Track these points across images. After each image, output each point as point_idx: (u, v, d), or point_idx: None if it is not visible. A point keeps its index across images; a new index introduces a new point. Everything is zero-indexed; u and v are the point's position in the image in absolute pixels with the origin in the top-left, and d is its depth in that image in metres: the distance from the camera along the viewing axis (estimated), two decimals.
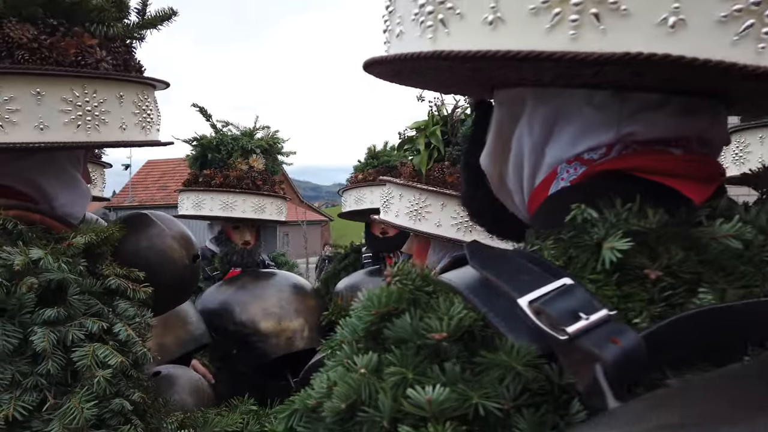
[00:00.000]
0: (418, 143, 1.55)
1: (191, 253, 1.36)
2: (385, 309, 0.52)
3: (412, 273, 0.52)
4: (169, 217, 1.39)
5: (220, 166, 2.65)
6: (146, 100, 1.19)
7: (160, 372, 1.32)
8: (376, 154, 2.85)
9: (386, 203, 1.59)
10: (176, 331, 1.85)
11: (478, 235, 1.43)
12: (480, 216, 0.76)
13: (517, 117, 0.64)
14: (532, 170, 0.64)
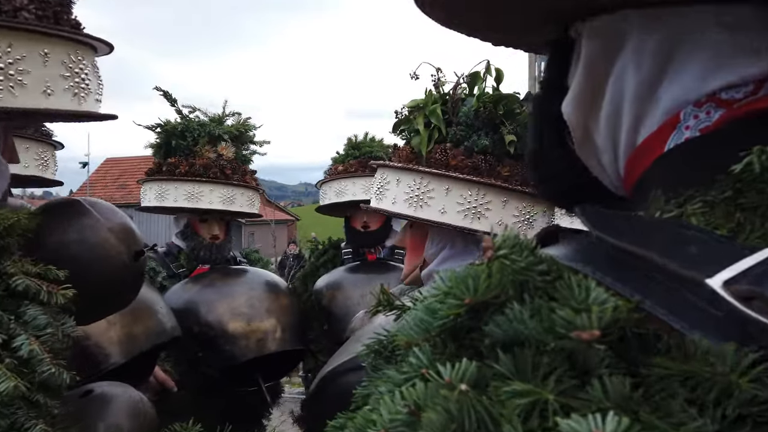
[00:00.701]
0: (417, 123, 1.40)
1: (133, 249, 1.15)
2: (482, 297, 0.36)
3: (522, 244, 0.37)
4: (107, 205, 1.18)
5: (185, 153, 2.43)
6: (81, 62, 0.99)
7: (92, 391, 1.12)
8: (357, 145, 2.69)
9: (380, 190, 1.43)
10: (146, 321, 1.65)
11: (488, 223, 1.30)
12: (548, 181, 0.60)
13: (615, 51, 0.50)
14: (634, 120, 0.49)
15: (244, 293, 2.22)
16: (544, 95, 0.58)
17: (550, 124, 0.57)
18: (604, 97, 0.51)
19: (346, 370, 0.70)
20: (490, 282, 0.36)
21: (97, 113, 1.02)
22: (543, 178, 0.61)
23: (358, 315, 1.43)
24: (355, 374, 0.69)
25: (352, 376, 0.70)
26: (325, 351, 2.45)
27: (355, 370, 0.69)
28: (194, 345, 2.06)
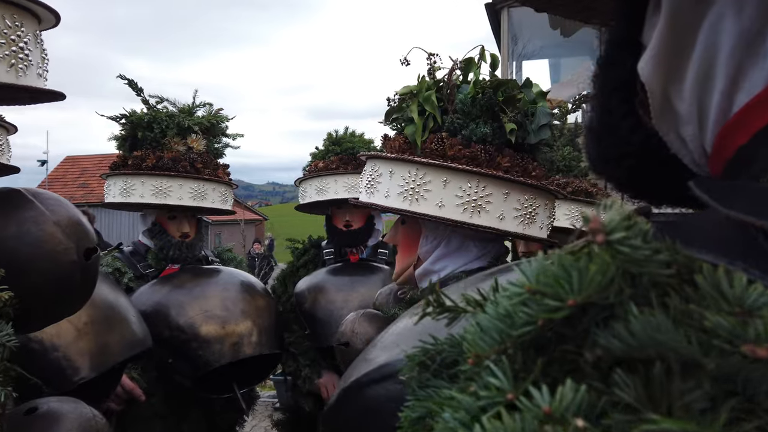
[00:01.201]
0: (410, 110, 1.30)
1: (83, 246, 1.02)
2: (592, 296, 0.27)
3: (639, 227, 0.27)
4: (53, 196, 1.04)
5: (152, 146, 2.28)
6: (18, 28, 0.86)
7: (38, 408, 0.98)
8: (338, 140, 2.57)
9: (371, 183, 1.32)
10: (120, 330, 1.50)
11: (490, 216, 1.21)
12: (613, 159, 0.50)
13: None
14: (730, 82, 0.40)
15: (218, 294, 2.08)
16: (611, 55, 0.48)
17: (618, 91, 0.47)
18: (690, 55, 0.42)
19: (370, 381, 0.61)
20: (602, 277, 0.26)
21: (39, 89, 0.89)
22: (607, 156, 0.51)
23: (348, 318, 1.33)
24: (381, 386, 0.60)
25: (378, 388, 0.60)
26: (307, 352, 2.33)
27: (380, 381, 0.60)
28: (164, 350, 1.92)
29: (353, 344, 1.23)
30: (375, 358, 0.63)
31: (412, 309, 0.76)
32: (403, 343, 0.60)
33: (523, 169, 1.26)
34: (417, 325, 0.64)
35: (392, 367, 0.58)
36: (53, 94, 0.92)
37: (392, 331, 0.67)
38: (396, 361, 0.58)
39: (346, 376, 0.68)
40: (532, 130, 1.27)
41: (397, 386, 0.55)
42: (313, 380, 2.29)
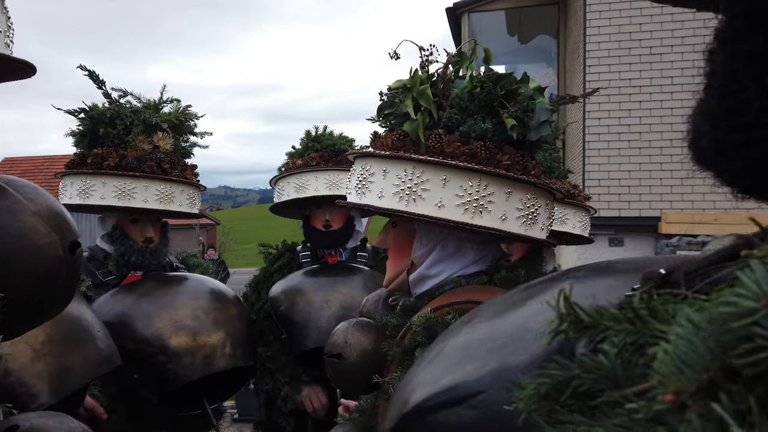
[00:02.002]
0: (405, 105, 1.22)
1: (67, 239, 0.90)
2: None
3: None
4: (29, 184, 0.91)
5: (115, 144, 2.12)
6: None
7: (18, 427, 0.86)
8: (318, 137, 2.46)
9: (362, 183, 1.23)
10: (82, 349, 1.35)
11: (492, 217, 1.14)
12: (732, 149, 0.42)
13: None
14: None
15: (188, 303, 1.94)
16: (736, 28, 0.41)
17: (748, 68, 0.40)
18: None
19: (438, 406, 0.52)
20: None
21: (7, 57, 0.77)
22: (726, 143, 0.42)
23: (339, 328, 1.23)
24: (452, 411, 0.51)
25: (449, 413, 0.51)
26: (285, 369, 2.21)
27: (451, 405, 0.51)
28: (129, 365, 1.77)
29: (346, 356, 1.14)
30: (438, 378, 0.54)
31: (465, 318, 0.68)
32: (472, 361, 0.52)
33: (524, 168, 1.20)
34: (486, 340, 0.56)
35: (463, 389, 0.50)
36: (21, 65, 0.79)
37: (452, 345, 0.59)
38: (467, 382, 0.50)
39: (399, 399, 0.58)
40: (532, 126, 1.21)
41: (471, 413, 0.49)
42: (294, 398, 2.17)
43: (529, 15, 10.05)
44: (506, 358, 0.49)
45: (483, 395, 0.49)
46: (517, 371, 0.46)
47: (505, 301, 0.62)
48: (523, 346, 0.48)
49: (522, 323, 0.52)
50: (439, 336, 0.67)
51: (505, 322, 0.55)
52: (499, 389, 0.47)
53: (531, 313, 0.54)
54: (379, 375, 1.12)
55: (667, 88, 6.71)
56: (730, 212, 6.43)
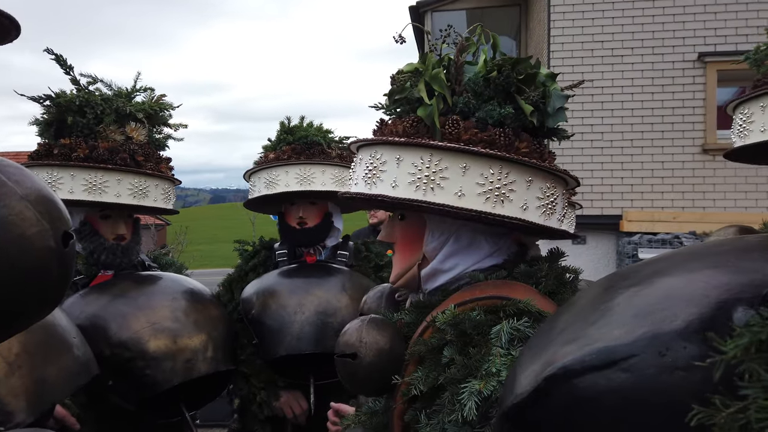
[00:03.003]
0: (419, 90, 1.15)
1: (60, 228, 0.79)
2: None
3: None
4: (14, 164, 0.80)
5: (84, 134, 1.97)
6: None
7: None
8: (291, 129, 2.33)
9: (372, 173, 1.16)
10: (61, 358, 1.21)
11: (513, 206, 1.09)
12: None
13: None
14: None
15: (166, 304, 1.82)
16: None
17: None
18: None
19: (585, 369, 0.50)
20: None
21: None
22: None
23: (352, 326, 1.13)
24: (602, 374, 0.49)
25: (598, 377, 0.49)
26: (260, 373, 2.09)
27: (601, 368, 0.49)
28: (104, 371, 1.63)
29: (362, 356, 1.06)
30: (582, 340, 0.52)
31: (595, 285, 0.67)
32: (618, 324, 0.51)
33: (540, 155, 1.16)
34: (629, 303, 0.53)
35: (613, 352, 0.49)
36: None
37: (587, 307, 0.58)
38: (618, 346, 0.49)
39: (533, 364, 0.55)
40: (549, 112, 1.17)
41: (623, 376, 0.47)
42: (271, 404, 2.06)
43: (490, 15, 10.17)
44: (659, 324, 0.48)
45: (635, 359, 0.48)
46: (672, 336, 0.46)
47: (638, 271, 0.61)
48: (674, 312, 0.48)
49: (671, 292, 0.52)
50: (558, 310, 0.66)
51: (647, 290, 0.54)
52: (653, 353, 0.46)
53: (677, 283, 0.53)
54: (396, 375, 1.06)
55: (628, 89, 6.89)
56: (687, 210, 6.66)
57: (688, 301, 0.48)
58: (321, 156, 2.26)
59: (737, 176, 6.57)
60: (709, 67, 6.71)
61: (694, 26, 6.69)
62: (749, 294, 0.45)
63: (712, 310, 0.45)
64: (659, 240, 6.24)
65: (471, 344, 0.97)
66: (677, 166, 6.78)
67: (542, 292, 1.08)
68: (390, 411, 1.08)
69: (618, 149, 6.92)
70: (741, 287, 0.46)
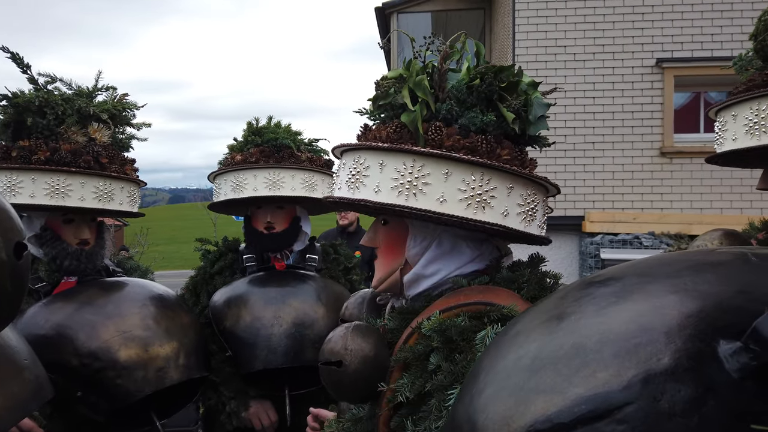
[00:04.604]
0: (403, 96, 1.15)
1: (12, 240, 0.77)
2: None
3: None
4: None
5: (45, 135, 1.89)
6: None
7: None
8: (259, 130, 2.26)
9: (355, 177, 1.15)
10: (9, 384, 1.13)
11: (494, 212, 1.10)
12: None
13: None
14: None
15: (136, 312, 1.76)
16: None
17: None
18: None
19: (576, 422, 0.45)
20: None
21: None
22: None
23: (337, 333, 1.12)
24: (592, 429, 0.44)
25: (589, 430, 0.44)
26: (230, 382, 2.04)
27: (591, 421, 0.44)
28: (71, 382, 1.57)
29: (347, 363, 1.05)
30: (562, 387, 0.46)
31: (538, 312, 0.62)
32: (599, 366, 0.46)
33: (521, 163, 1.17)
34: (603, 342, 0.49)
35: (606, 400, 0.44)
36: None
37: (552, 345, 0.52)
38: (609, 393, 0.44)
39: (504, 414, 0.49)
40: (530, 120, 1.18)
41: (620, 428, 0.42)
42: (241, 414, 2.01)
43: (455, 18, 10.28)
44: (646, 364, 0.44)
45: (631, 407, 0.43)
46: (663, 377, 0.43)
47: (591, 295, 0.57)
48: (657, 348, 0.44)
49: (643, 323, 0.48)
50: (503, 339, 0.60)
51: (614, 320, 0.50)
52: (648, 399, 0.42)
53: (644, 311, 0.49)
54: (381, 382, 1.05)
55: (590, 93, 7.07)
56: (646, 211, 6.88)
57: (667, 334, 0.45)
58: (290, 160, 2.22)
59: (693, 179, 6.83)
60: (667, 73, 6.95)
61: (652, 33, 6.92)
62: (722, 323, 0.44)
63: (696, 344, 0.43)
64: (620, 240, 6.43)
65: (457, 350, 0.97)
66: (637, 169, 7.00)
67: (525, 297, 1.09)
68: (376, 418, 1.07)
69: (580, 152, 7.09)
70: (711, 316, 0.45)
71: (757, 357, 0.40)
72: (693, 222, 6.21)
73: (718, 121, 1.48)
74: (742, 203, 6.70)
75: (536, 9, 7.09)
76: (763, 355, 0.40)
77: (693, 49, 6.88)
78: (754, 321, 0.41)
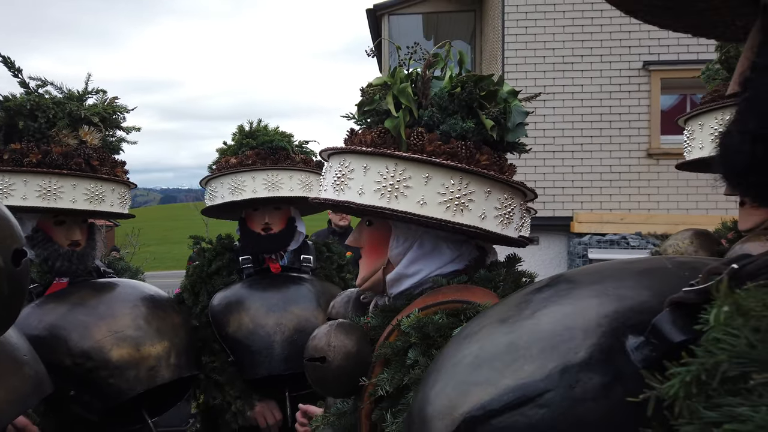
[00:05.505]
0: (387, 103, 1.20)
1: (11, 247, 0.80)
2: None
3: None
4: None
5: (36, 138, 1.92)
6: None
7: None
8: (253, 133, 2.30)
9: (340, 180, 1.19)
10: (9, 380, 1.17)
11: (472, 215, 1.15)
12: None
13: None
14: None
15: (127, 312, 1.80)
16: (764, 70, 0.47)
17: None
18: None
19: (502, 408, 0.51)
20: None
21: None
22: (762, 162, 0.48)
23: (321, 330, 1.16)
24: (518, 413, 0.50)
25: (515, 415, 0.50)
26: (235, 382, 2.08)
27: (517, 407, 0.50)
28: (65, 381, 1.60)
29: (330, 359, 1.10)
30: (495, 379, 0.53)
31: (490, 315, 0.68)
32: (528, 361, 0.53)
33: (500, 168, 1.22)
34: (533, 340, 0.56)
35: (529, 389, 0.50)
36: None
37: (493, 344, 0.58)
38: (532, 382, 0.51)
39: (440, 406, 0.56)
40: (509, 128, 1.23)
41: (540, 412, 0.49)
42: (246, 413, 2.05)
43: (445, 20, 10.34)
44: (565, 357, 0.51)
45: (550, 394, 0.50)
46: (578, 368, 0.49)
47: (529, 300, 0.63)
48: (576, 344, 0.51)
49: (567, 323, 0.55)
50: (457, 339, 0.66)
51: (544, 321, 0.57)
52: (565, 387, 0.49)
53: (570, 312, 0.56)
54: (363, 377, 1.10)
55: (578, 95, 7.16)
56: (633, 212, 6.97)
57: (585, 331, 0.51)
58: (287, 161, 2.26)
59: (679, 179, 6.94)
60: (654, 75, 7.06)
61: (639, 36, 7.02)
62: (633, 321, 0.50)
63: (608, 339, 0.49)
64: (608, 241, 6.51)
65: (434, 346, 1.02)
66: (624, 170, 7.10)
67: (500, 295, 1.14)
68: (358, 411, 1.12)
69: (568, 153, 7.18)
70: (624, 315, 0.51)
71: (656, 349, 0.46)
72: (679, 222, 6.31)
73: (687, 129, 1.54)
74: (727, 204, 6.81)
75: (525, 12, 7.17)
76: (660, 347, 0.46)
77: (679, 52, 6.99)
78: None
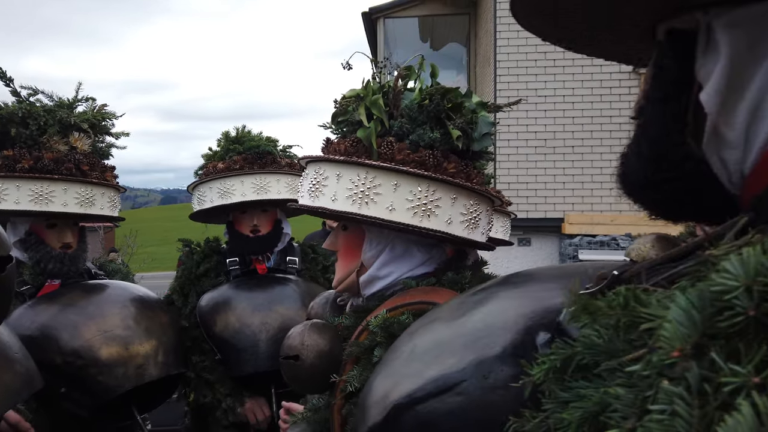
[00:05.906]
0: (359, 114, 1.27)
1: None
2: None
3: None
4: None
5: (28, 145, 1.98)
6: None
7: None
8: (239, 139, 2.36)
9: (315, 186, 1.26)
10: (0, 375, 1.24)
11: (438, 220, 1.21)
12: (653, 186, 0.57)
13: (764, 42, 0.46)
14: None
15: (117, 312, 1.86)
16: (666, 91, 0.54)
17: (675, 122, 0.53)
18: (747, 88, 0.48)
19: (426, 396, 0.57)
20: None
21: None
22: (651, 180, 0.57)
23: (296, 330, 1.23)
24: (438, 400, 0.57)
25: (436, 402, 0.57)
26: (225, 380, 2.14)
27: (437, 394, 0.57)
28: (56, 379, 1.66)
29: (303, 357, 1.16)
30: (422, 371, 0.60)
31: (431, 315, 0.74)
32: (451, 355, 0.59)
33: (467, 175, 1.29)
34: (458, 336, 0.63)
35: (448, 379, 0.57)
36: None
37: (426, 341, 0.65)
38: (451, 373, 0.57)
39: (377, 395, 0.63)
40: (475, 138, 1.30)
41: (457, 399, 0.55)
42: (236, 410, 2.12)
43: (441, 23, 10.41)
44: (482, 351, 0.57)
45: (465, 383, 0.56)
46: (492, 360, 0.55)
47: (464, 302, 0.71)
48: (493, 340, 0.57)
49: (489, 321, 0.62)
50: (402, 336, 0.74)
51: (471, 320, 0.64)
52: (479, 377, 0.55)
53: (493, 312, 0.64)
54: (335, 374, 1.16)
55: (569, 98, 7.23)
56: (624, 214, 7.05)
57: (503, 328, 0.57)
58: (273, 165, 2.34)
59: None
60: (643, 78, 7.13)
61: None
62: (546, 320, 0.55)
63: (522, 336, 0.55)
64: (598, 242, 6.59)
65: None
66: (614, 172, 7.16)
67: None
68: (330, 406, 1.18)
69: (560, 155, 7.26)
70: (539, 315, 0.56)
71: None
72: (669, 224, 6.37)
73: None
74: None
75: None
76: None
77: None
78: None
